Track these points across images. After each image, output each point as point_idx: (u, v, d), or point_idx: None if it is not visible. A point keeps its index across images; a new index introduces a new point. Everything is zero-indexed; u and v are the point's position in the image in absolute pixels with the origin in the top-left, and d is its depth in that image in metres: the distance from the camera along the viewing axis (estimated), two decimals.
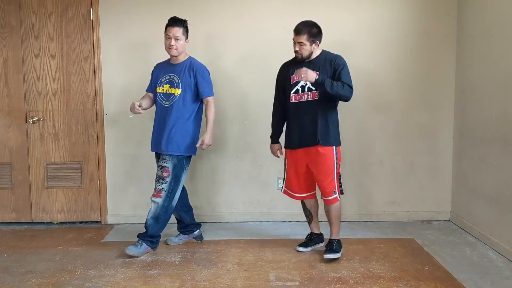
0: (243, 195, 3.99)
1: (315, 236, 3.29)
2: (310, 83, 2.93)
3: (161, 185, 3.14)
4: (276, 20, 3.81)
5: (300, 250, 3.22)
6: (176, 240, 3.42)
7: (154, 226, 3.16)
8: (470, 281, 2.73)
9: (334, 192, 3.05)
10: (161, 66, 3.31)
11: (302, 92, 3.02)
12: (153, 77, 3.32)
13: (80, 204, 3.96)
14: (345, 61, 3.02)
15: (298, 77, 2.89)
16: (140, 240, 3.18)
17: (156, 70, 3.31)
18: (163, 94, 3.20)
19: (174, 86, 3.16)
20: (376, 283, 2.71)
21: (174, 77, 3.18)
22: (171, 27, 3.13)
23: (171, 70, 3.21)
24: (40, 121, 3.87)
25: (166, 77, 3.21)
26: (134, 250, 3.13)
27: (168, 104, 3.16)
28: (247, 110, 3.91)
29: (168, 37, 3.14)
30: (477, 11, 3.56)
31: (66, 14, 3.79)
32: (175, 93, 3.15)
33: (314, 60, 3.02)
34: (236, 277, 2.81)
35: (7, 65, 3.83)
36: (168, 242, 3.40)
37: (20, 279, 2.80)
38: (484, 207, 3.42)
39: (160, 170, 3.16)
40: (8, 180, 3.93)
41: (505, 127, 3.13)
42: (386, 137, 3.94)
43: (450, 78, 3.90)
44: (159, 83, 3.22)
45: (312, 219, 3.28)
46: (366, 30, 3.84)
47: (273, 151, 3.31)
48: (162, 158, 3.18)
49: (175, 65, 3.22)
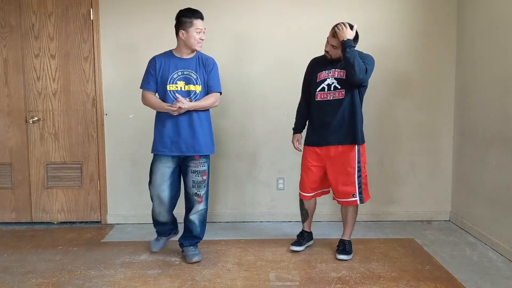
0: (243, 195, 3.99)
1: (306, 234, 3.30)
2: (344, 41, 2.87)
3: (203, 190, 3.03)
4: (276, 20, 3.81)
5: (294, 249, 3.21)
6: (161, 245, 3.23)
7: (203, 230, 3.14)
8: (470, 281, 2.73)
9: (354, 195, 3.02)
10: (165, 60, 2.96)
11: (328, 91, 3.01)
12: (156, 73, 2.96)
13: (80, 204, 3.96)
14: (373, 60, 3.01)
15: (340, 34, 2.86)
16: (193, 247, 3.11)
17: (160, 65, 2.95)
18: (178, 92, 2.91)
19: (193, 83, 2.93)
20: (376, 283, 2.71)
21: (190, 73, 2.94)
22: (200, 19, 2.91)
23: (183, 65, 2.94)
24: (40, 121, 3.88)
25: (178, 73, 2.93)
26: (198, 256, 3.06)
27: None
28: (247, 110, 3.91)
29: (199, 31, 2.90)
30: (477, 11, 3.56)
31: (66, 14, 3.79)
32: (196, 90, 2.93)
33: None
34: (236, 277, 2.81)
35: (7, 65, 3.84)
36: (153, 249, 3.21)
37: (20, 279, 2.80)
38: (484, 207, 3.42)
39: (198, 174, 3.00)
40: (8, 180, 3.93)
41: (505, 127, 3.13)
42: (386, 137, 3.95)
43: (450, 78, 3.90)
44: (170, 80, 2.92)
45: (307, 218, 3.29)
46: (365, 30, 3.82)
47: (293, 141, 3.26)
48: (195, 162, 2.98)
49: (188, 59, 2.96)
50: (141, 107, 3.80)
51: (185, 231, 3.14)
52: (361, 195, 3.05)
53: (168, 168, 3.01)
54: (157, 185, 3.02)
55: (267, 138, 3.94)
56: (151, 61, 3.00)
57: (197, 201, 3.04)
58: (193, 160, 3.00)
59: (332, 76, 3.00)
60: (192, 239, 3.12)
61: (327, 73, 3.01)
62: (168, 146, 2.97)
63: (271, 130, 3.91)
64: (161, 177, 3.01)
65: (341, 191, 3.04)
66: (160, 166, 3.00)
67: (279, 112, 3.87)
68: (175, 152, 2.97)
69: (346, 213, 3.14)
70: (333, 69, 3.00)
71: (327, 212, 3.89)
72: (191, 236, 3.12)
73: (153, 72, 2.96)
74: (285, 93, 3.83)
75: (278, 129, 3.87)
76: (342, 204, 3.11)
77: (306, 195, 3.19)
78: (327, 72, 3.01)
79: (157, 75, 2.96)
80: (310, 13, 3.79)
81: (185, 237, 3.14)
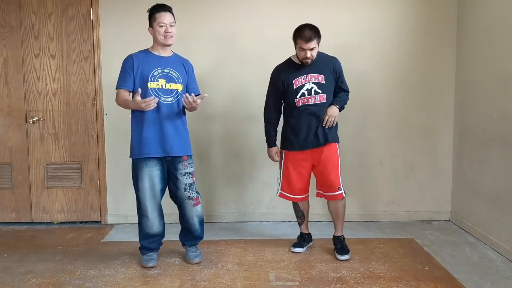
0: (243, 195, 3.99)
1: (306, 235, 3.31)
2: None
3: (194, 192, 2.99)
4: (275, 20, 3.81)
5: (295, 251, 3.21)
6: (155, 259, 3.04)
7: (203, 230, 3.11)
8: (470, 281, 2.73)
9: (339, 188, 3.08)
10: (142, 57, 2.87)
11: (309, 95, 3.01)
12: (133, 71, 2.83)
13: (80, 204, 3.96)
14: (340, 63, 3.12)
15: (329, 123, 3.01)
16: (194, 247, 3.10)
17: (138, 63, 2.84)
18: (159, 89, 2.83)
19: (175, 81, 2.88)
20: (376, 283, 2.71)
21: (171, 71, 2.88)
22: (163, 13, 2.82)
23: (163, 63, 2.87)
24: (40, 121, 3.88)
25: (158, 70, 2.84)
26: (199, 257, 3.06)
27: (171, 101, 2.86)
28: (247, 110, 3.91)
29: (162, 25, 2.81)
30: (477, 11, 3.56)
31: (66, 14, 3.79)
32: (178, 89, 2.88)
33: (315, 62, 3.01)
34: (236, 277, 2.81)
35: (7, 65, 3.84)
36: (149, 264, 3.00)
37: (20, 279, 2.80)
38: (484, 207, 3.42)
39: (189, 176, 2.94)
40: (8, 180, 3.93)
41: (505, 127, 3.13)
42: (386, 137, 3.94)
43: (450, 78, 3.90)
44: (151, 78, 2.82)
45: (304, 220, 3.29)
46: (366, 30, 3.84)
47: (272, 155, 3.21)
48: (183, 163, 2.91)
49: (167, 57, 2.91)
50: None
51: (185, 232, 3.11)
52: (343, 188, 3.11)
53: (157, 171, 2.89)
54: (149, 189, 2.90)
55: None
56: (127, 59, 2.88)
57: (192, 204, 2.98)
58: (181, 162, 2.92)
59: (310, 81, 3.00)
60: (193, 240, 3.11)
61: (303, 79, 3.01)
62: (154, 148, 2.84)
63: None
64: (150, 181, 2.89)
65: (328, 185, 3.08)
66: (146, 170, 2.87)
67: None
68: (162, 153, 2.86)
69: (336, 209, 3.15)
70: (308, 74, 3.00)
71: (326, 212, 3.88)
72: (192, 237, 3.10)
73: (130, 71, 2.84)
74: None
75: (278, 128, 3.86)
76: (329, 198, 3.13)
77: (298, 197, 3.20)
78: (303, 78, 3.01)
79: (135, 74, 2.84)
80: (309, 13, 3.79)
81: (186, 237, 3.11)
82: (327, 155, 3.06)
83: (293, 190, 3.18)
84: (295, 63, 3.05)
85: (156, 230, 3.00)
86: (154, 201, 2.94)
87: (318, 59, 3.02)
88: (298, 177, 3.14)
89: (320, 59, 3.04)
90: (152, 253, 3.03)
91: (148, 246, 3.01)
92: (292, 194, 3.19)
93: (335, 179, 3.07)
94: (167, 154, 2.87)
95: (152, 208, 2.95)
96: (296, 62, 3.05)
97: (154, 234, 3.00)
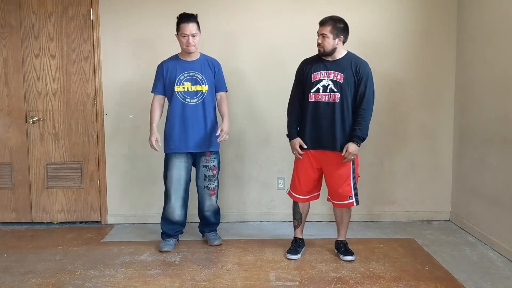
0: (243, 195, 3.99)
1: (300, 241, 3.24)
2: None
3: (213, 184, 3.32)
4: (275, 19, 3.81)
5: (292, 257, 3.11)
6: (171, 245, 3.29)
7: (218, 218, 3.45)
8: (470, 281, 2.73)
9: (350, 198, 3.01)
10: (171, 64, 3.21)
11: (323, 92, 2.96)
12: (163, 76, 3.19)
13: (80, 204, 3.96)
14: (370, 69, 3.00)
15: (348, 158, 2.94)
16: (214, 232, 3.43)
17: (167, 69, 3.19)
18: (185, 92, 3.17)
19: (200, 83, 3.18)
20: (376, 283, 2.71)
21: (196, 74, 3.18)
22: (185, 23, 3.06)
23: (189, 68, 3.18)
24: (40, 121, 3.87)
25: (184, 74, 3.17)
26: (219, 240, 3.39)
27: (196, 101, 3.18)
28: (247, 110, 3.91)
29: (184, 35, 3.08)
30: (477, 11, 3.56)
31: (66, 14, 3.79)
32: (202, 90, 3.18)
33: (339, 60, 2.97)
34: (236, 277, 2.81)
35: (7, 65, 3.83)
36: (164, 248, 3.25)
37: (20, 279, 2.80)
38: (484, 207, 3.42)
39: (209, 169, 3.28)
40: (8, 180, 3.93)
41: (505, 127, 3.13)
42: (386, 137, 3.94)
43: (450, 78, 3.90)
44: (177, 82, 3.15)
45: (300, 223, 3.22)
46: (366, 30, 3.84)
47: (294, 147, 3.05)
48: (206, 157, 3.26)
49: (193, 61, 3.20)
50: (141, 107, 3.83)
51: (203, 220, 3.45)
52: (357, 197, 3.04)
53: (184, 163, 3.24)
54: (176, 179, 3.23)
55: (267, 138, 3.94)
56: (158, 66, 3.24)
57: (209, 194, 3.33)
58: (204, 156, 3.26)
59: (328, 78, 2.96)
60: (211, 226, 3.44)
61: (323, 74, 2.97)
62: (179, 144, 3.19)
63: (271, 129, 3.91)
64: (178, 172, 3.23)
65: (338, 193, 3.02)
66: (176, 161, 3.22)
67: (279, 111, 3.85)
68: (186, 150, 3.20)
69: (341, 215, 3.12)
70: (329, 70, 2.96)
71: (326, 212, 3.89)
72: (210, 224, 3.43)
73: (160, 76, 3.21)
74: (285, 92, 3.80)
75: (278, 128, 3.86)
76: (338, 206, 3.09)
77: (302, 197, 3.14)
78: (322, 73, 2.97)
79: (164, 79, 3.20)
80: (309, 13, 3.79)
81: (204, 225, 3.45)
82: (338, 162, 2.98)
83: (297, 189, 3.13)
84: (321, 58, 3.02)
85: (176, 218, 3.29)
86: (179, 191, 3.25)
87: (345, 57, 2.98)
88: (305, 177, 3.08)
89: (347, 58, 2.98)
90: (170, 239, 3.31)
91: (167, 232, 3.32)
92: (296, 193, 3.14)
93: (346, 188, 3.00)
94: (191, 150, 3.22)
95: (176, 197, 3.26)
96: (323, 58, 3.01)
97: (174, 222, 3.30)
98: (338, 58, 2.98)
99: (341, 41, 2.95)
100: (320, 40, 2.94)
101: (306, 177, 3.09)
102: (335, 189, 3.03)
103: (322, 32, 2.92)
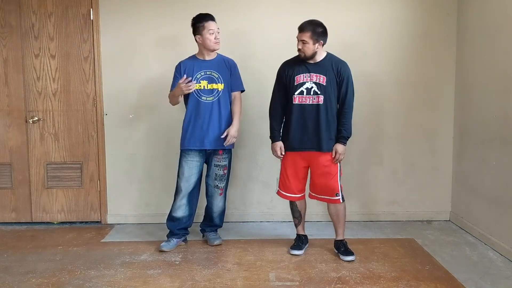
0: (243, 195, 3.99)
1: (303, 237, 3.29)
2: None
3: (223, 183, 3.37)
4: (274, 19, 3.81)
5: (295, 253, 3.17)
6: (172, 246, 3.29)
7: (222, 220, 3.47)
8: (470, 281, 2.73)
9: (337, 195, 3.07)
10: (189, 63, 3.28)
11: (307, 95, 3.00)
12: (181, 75, 3.22)
13: (80, 204, 3.96)
14: (349, 69, 3.07)
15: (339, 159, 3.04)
16: (214, 232, 3.45)
17: (184, 68, 3.26)
18: (201, 90, 3.22)
19: (216, 82, 3.23)
20: (376, 283, 2.71)
21: (212, 72, 3.23)
22: (212, 21, 3.18)
23: (206, 66, 3.24)
24: (40, 121, 3.87)
25: (201, 73, 3.23)
26: (219, 240, 3.40)
27: (212, 100, 3.22)
28: (246, 110, 3.90)
29: (212, 32, 3.17)
30: (477, 11, 3.56)
31: (66, 14, 3.79)
32: (218, 88, 3.23)
33: (320, 62, 3.02)
34: (236, 277, 2.81)
35: (7, 65, 3.83)
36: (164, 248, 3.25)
37: (20, 279, 2.80)
38: (484, 207, 3.42)
39: (220, 168, 3.32)
40: (8, 180, 3.93)
41: (505, 127, 3.13)
42: (386, 137, 3.94)
43: (450, 78, 3.90)
44: (194, 80, 3.20)
45: (300, 221, 3.27)
46: (366, 30, 3.84)
47: (275, 149, 3.15)
48: (218, 156, 3.30)
49: (210, 60, 3.26)
50: (141, 107, 3.83)
51: (206, 219, 3.47)
52: (342, 193, 3.10)
53: (196, 162, 3.28)
54: (185, 177, 3.26)
55: (267, 138, 3.92)
56: (177, 66, 3.30)
57: (218, 192, 3.37)
58: (216, 155, 3.30)
59: (311, 80, 3.00)
60: (213, 227, 3.46)
61: (306, 77, 3.01)
62: (193, 141, 3.24)
63: None
64: (189, 170, 3.27)
65: (325, 188, 3.08)
66: (189, 159, 3.27)
67: None
68: (199, 147, 3.25)
69: (337, 213, 3.14)
70: (312, 73, 3.00)
71: (326, 211, 3.88)
72: (212, 224, 3.45)
73: (178, 75, 3.25)
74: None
75: None
76: (325, 201, 3.14)
77: (295, 196, 3.18)
78: (305, 76, 3.01)
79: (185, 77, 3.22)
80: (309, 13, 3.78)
81: (206, 224, 3.48)
82: (323, 164, 3.04)
83: (289, 189, 3.17)
84: (302, 60, 3.04)
85: (179, 214, 3.31)
86: (187, 188, 3.28)
87: (326, 59, 3.03)
88: (295, 176, 3.14)
89: (327, 60, 3.03)
90: (172, 238, 3.32)
91: (171, 228, 3.33)
92: (288, 192, 3.19)
93: (334, 185, 3.06)
94: (204, 147, 3.25)
95: (184, 194, 3.29)
96: (304, 60, 3.03)
97: (177, 218, 3.31)
98: (319, 60, 3.03)
99: (320, 45, 3.00)
100: (300, 46, 2.98)
101: (295, 176, 3.14)
102: (323, 185, 3.07)
103: (302, 38, 2.96)
